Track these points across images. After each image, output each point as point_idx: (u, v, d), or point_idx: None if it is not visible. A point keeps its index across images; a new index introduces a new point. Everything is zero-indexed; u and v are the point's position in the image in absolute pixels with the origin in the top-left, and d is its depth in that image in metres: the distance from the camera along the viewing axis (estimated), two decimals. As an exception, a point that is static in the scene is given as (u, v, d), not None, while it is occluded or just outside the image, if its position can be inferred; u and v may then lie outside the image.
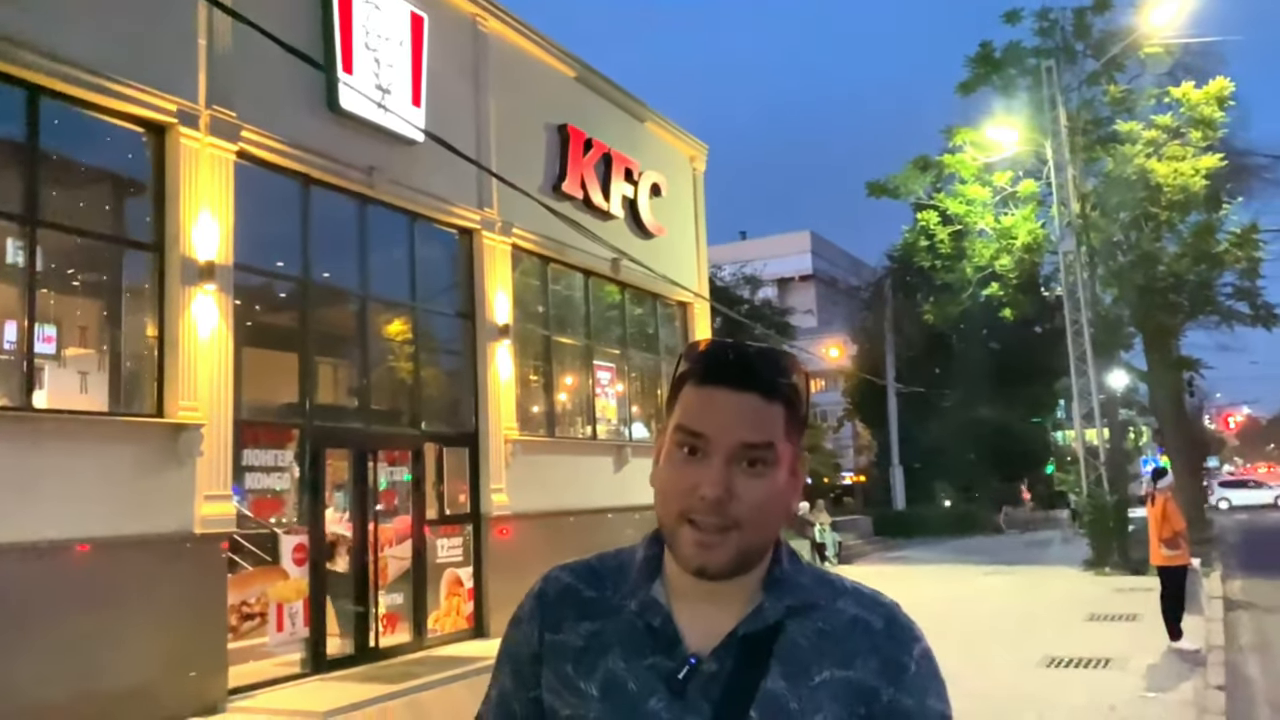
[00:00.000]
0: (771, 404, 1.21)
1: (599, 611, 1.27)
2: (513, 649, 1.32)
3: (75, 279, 9.20)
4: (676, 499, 1.19)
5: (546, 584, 1.32)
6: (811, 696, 1.19)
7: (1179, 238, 21.95)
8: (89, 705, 7.46)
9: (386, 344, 12.24)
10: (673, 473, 1.21)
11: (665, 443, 1.24)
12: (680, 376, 1.25)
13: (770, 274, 46.75)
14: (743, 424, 1.19)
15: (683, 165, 18.10)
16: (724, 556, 1.18)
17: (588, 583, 1.30)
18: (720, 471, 1.17)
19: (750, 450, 1.19)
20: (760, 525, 1.20)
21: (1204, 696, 7.81)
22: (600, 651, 1.24)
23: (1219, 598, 13.72)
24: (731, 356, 1.23)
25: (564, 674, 1.25)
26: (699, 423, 1.19)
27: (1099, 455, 19.49)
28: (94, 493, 7.83)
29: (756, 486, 1.19)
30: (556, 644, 1.27)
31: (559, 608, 1.29)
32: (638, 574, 1.27)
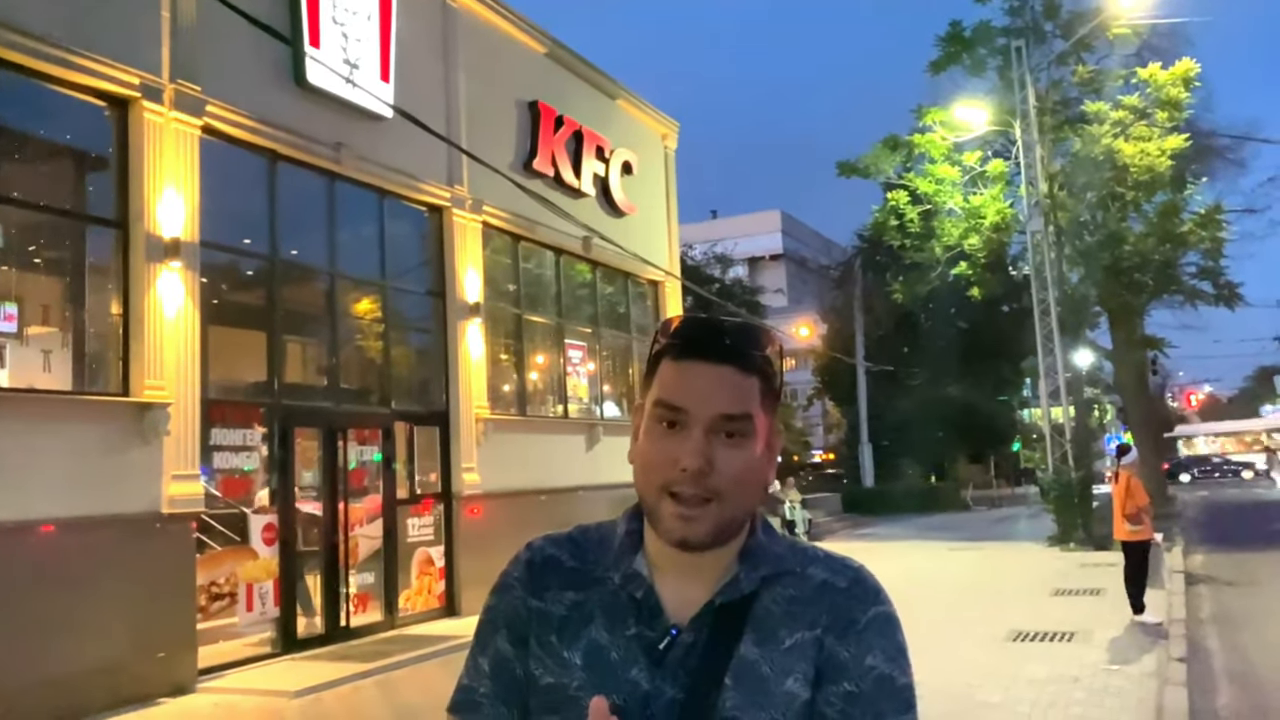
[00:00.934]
0: (748, 376, 1.22)
1: (582, 582, 1.28)
2: (507, 614, 1.30)
3: (36, 256, 9.04)
4: (657, 472, 1.20)
5: (532, 552, 1.33)
6: (782, 660, 1.21)
7: (1144, 218, 22.17)
8: (57, 687, 7.40)
9: (356, 322, 12.15)
10: (652, 447, 1.21)
11: (644, 418, 1.25)
12: (657, 352, 1.26)
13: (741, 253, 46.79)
14: (720, 396, 1.20)
15: (654, 143, 18.04)
16: (705, 528, 1.19)
17: (570, 554, 1.31)
18: (700, 443, 1.18)
19: (728, 422, 1.20)
20: (739, 496, 1.21)
21: (1166, 668, 7.96)
22: (583, 621, 1.25)
23: (1181, 572, 13.97)
24: (708, 330, 1.24)
25: (547, 642, 1.25)
26: (677, 396, 1.20)
27: (1064, 433, 19.74)
28: (59, 472, 7.73)
29: (735, 458, 1.20)
30: (540, 611, 1.27)
31: (544, 576, 1.30)
32: (620, 547, 1.28)
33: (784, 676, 1.20)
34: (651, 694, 1.20)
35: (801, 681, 1.20)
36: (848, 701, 1.19)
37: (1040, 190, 20.05)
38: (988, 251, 21.99)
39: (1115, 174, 20.67)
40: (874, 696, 1.20)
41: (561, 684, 1.23)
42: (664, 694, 1.19)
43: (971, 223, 21.48)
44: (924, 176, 21.85)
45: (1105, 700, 7.03)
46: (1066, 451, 19.42)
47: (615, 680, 1.21)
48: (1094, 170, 20.87)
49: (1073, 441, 19.59)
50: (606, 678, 1.21)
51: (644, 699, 1.20)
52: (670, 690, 1.19)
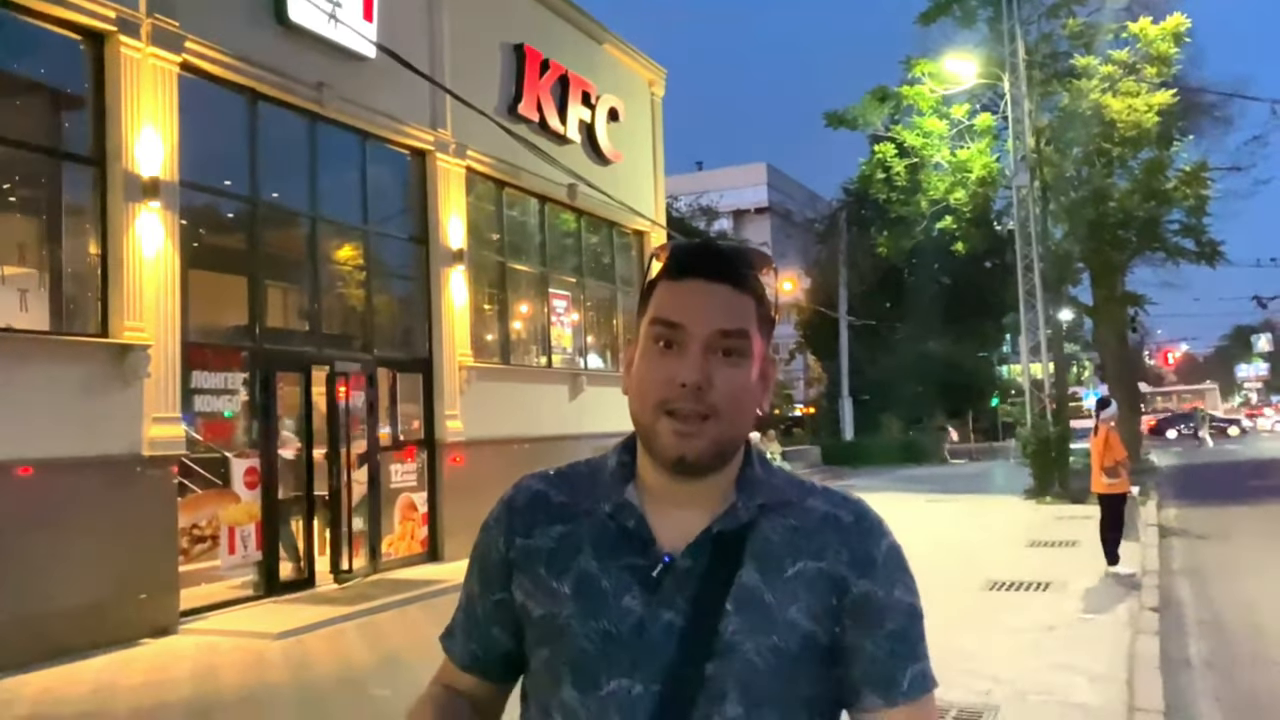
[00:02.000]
0: (743, 295, 1.22)
1: (570, 515, 1.27)
2: (481, 553, 1.33)
3: (11, 194, 8.87)
4: (654, 391, 1.19)
5: (517, 491, 1.33)
6: (785, 588, 1.20)
7: (1130, 174, 22.18)
8: (37, 627, 7.40)
9: (337, 267, 12.04)
10: (650, 366, 1.21)
11: (639, 341, 1.24)
12: (654, 276, 1.25)
13: (726, 205, 46.61)
14: (717, 312, 1.20)
15: (641, 90, 17.82)
16: (702, 445, 1.18)
17: (558, 489, 1.31)
18: (698, 359, 1.18)
19: (725, 338, 1.19)
20: (735, 416, 1.21)
21: (1138, 618, 8.10)
22: (572, 552, 1.24)
23: (1154, 525, 14.17)
24: (704, 250, 1.24)
25: (537, 576, 1.25)
26: (675, 313, 1.20)
27: (1044, 389, 19.88)
28: (38, 413, 7.66)
29: (732, 375, 1.19)
30: (528, 548, 1.27)
31: (530, 513, 1.29)
32: (610, 479, 1.27)
33: (787, 604, 1.19)
34: (647, 619, 1.19)
35: (804, 612, 1.20)
36: (892, 639, 1.21)
37: (1027, 145, 19.98)
38: (973, 206, 21.98)
39: (1102, 130, 20.63)
40: (908, 629, 1.23)
41: (552, 614, 1.22)
42: (660, 619, 1.18)
43: (958, 177, 21.44)
44: (911, 129, 21.75)
45: (1079, 647, 7.15)
46: (1045, 407, 19.59)
47: (606, 607, 1.20)
48: (1081, 126, 20.83)
49: (1052, 397, 19.75)
50: (597, 605, 1.20)
51: (638, 625, 1.19)
52: (667, 616, 1.18)
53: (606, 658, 1.18)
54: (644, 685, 1.17)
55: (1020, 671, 6.53)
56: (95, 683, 6.88)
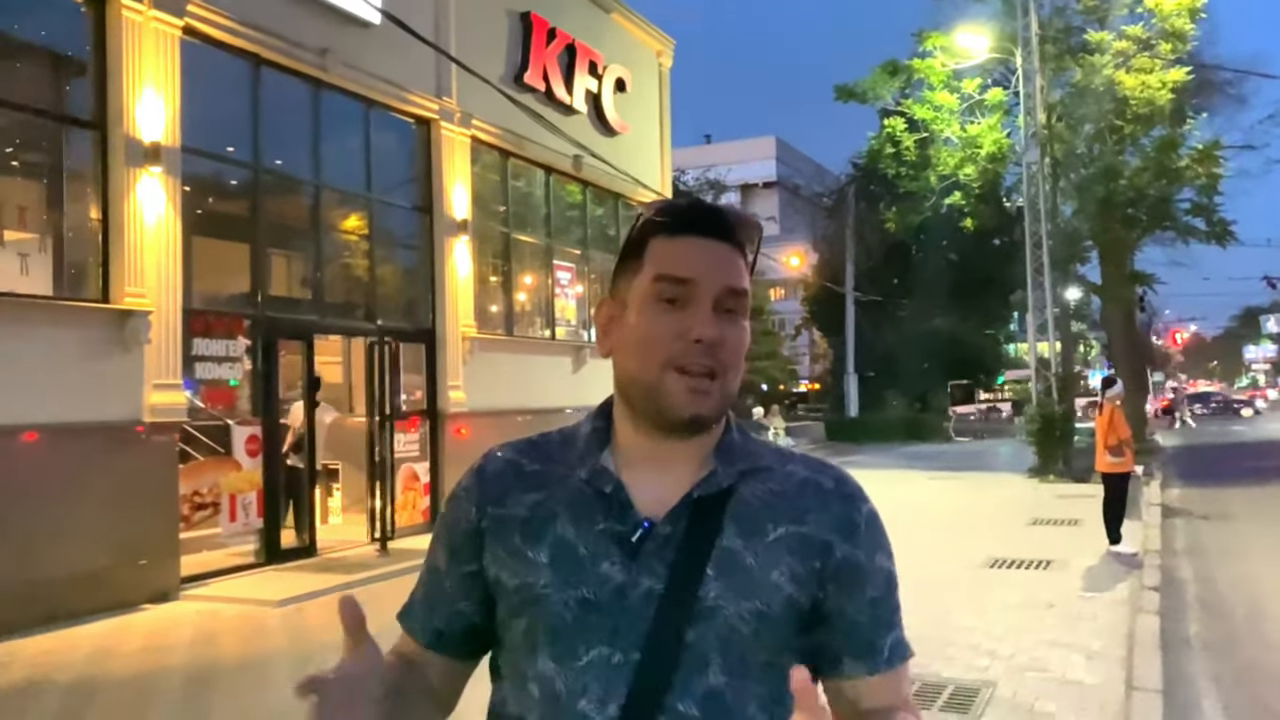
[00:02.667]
0: (739, 254, 1.22)
1: (544, 483, 1.24)
2: (449, 524, 1.29)
3: (12, 158, 8.81)
4: (660, 348, 1.17)
5: (486, 460, 1.30)
6: (767, 551, 1.18)
7: (1141, 152, 21.97)
8: (37, 591, 7.41)
9: (341, 236, 11.99)
10: (654, 323, 1.18)
11: (636, 298, 1.21)
12: (642, 234, 1.22)
13: (734, 179, 46.41)
14: (725, 269, 1.19)
15: (649, 60, 17.66)
16: (714, 401, 1.18)
17: (530, 457, 1.28)
18: (710, 314, 1.17)
19: (731, 296, 1.19)
20: (736, 373, 1.21)
21: (1139, 596, 8.09)
22: (547, 520, 1.21)
23: (1158, 505, 14.15)
24: (705, 207, 1.24)
25: (511, 545, 1.21)
26: (685, 268, 1.18)
27: (1050, 367, 19.81)
28: (38, 378, 7.65)
29: (736, 333, 1.20)
30: (500, 517, 1.23)
31: (500, 481, 1.26)
32: (585, 444, 1.25)
33: (769, 568, 1.17)
34: (626, 585, 1.16)
35: (786, 576, 1.18)
36: (873, 605, 1.22)
37: (1038, 121, 19.79)
38: (982, 182, 21.82)
39: (1114, 106, 20.43)
40: (887, 596, 1.23)
41: (528, 584, 1.19)
42: (639, 585, 1.16)
43: (968, 152, 21.27)
44: (922, 103, 21.55)
45: (1079, 626, 7.13)
46: (1051, 385, 19.52)
47: (584, 574, 1.17)
48: (1093, 102, 20.63)
49: (1058, 376, 19.68)
50: (575, 572, 1.17)
51: (618, 591, 1.16)
52: (647, 581, 1.16)
53: (585, 626, 1.16)
54: (624, 653, 1.14)
55: (1018, 648, 6.52)
56: (94, 647, 6.91)
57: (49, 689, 5.94)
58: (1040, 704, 5.42)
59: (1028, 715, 5.25)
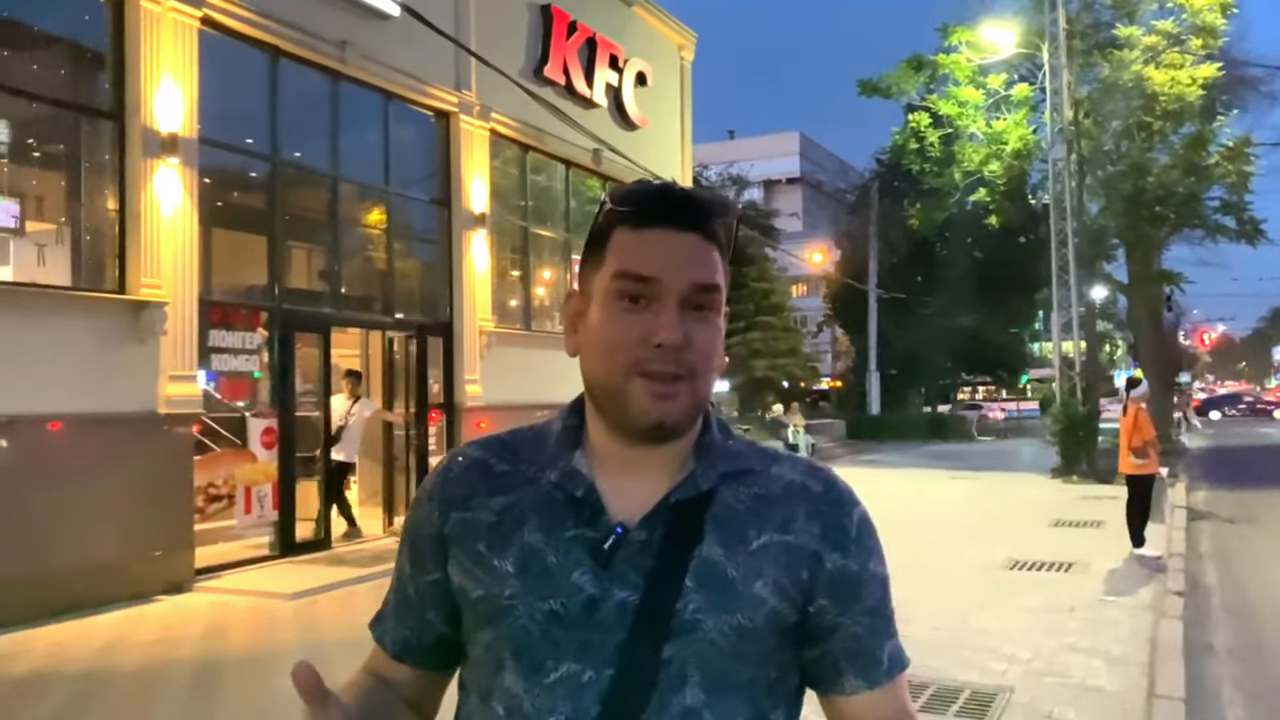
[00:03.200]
0: (711, 245, 1.12)
1: (512, 485, 1.16)
2: (413, 530, 1.21)
3: (31, 149, 8.83)
4: (623, 351, 1.08)
5: (452, 460, 1.22)
6: (749, 562, 1.10)
7: (1170, 149, 21.64)
8: (52, 582, 7.42)
9: (359, 229, 11.97)
10: (616, 324, 1.09)
11: (597, 295, 1.12)
12: (606, 224, 1.13)
13: (757, 175, 46.10)
14: (692, 264, 1.09)
15: (670, 54, 17.54)
16: (682, 407, 1.09)
17: (499, 456, 1.19)
18: (674, 316, 1.07)
19: (700, 292, 1.09)
20: (708, 374, 1.11)
21: (1162, 601, 7.93)
22: (514, 525, 1.13)
23: (1183, 507, 13.92)
24: (672, 195, 1.12)
25: (475, 552, 1.13)
26: (646, 265, 1.08)
27: (1074, 366, 19.56)
28: (54, 369, 7.65)
29: (706, 332, 1.10)
30: (465, 522, 1.15)
31: (466, 483, 1.17)
32: (556, 444, 1.17)
33: (752, 579, 1.09)
34: (598, 597, 1.07)
35: (770, 587, 1.10)
36: (871, 615, 1.15)
37: (1065, 117, 19.53)
38: (1008, 179, 21.57)
39: (1143, 102, 20.12)
40: (882, 604, 1.18)
41: (493, 594, 1.11)
42: (613, 596, 1.07)
43: (993, 148, 21.02)
44: (947, 98, 21.33)
45: (1100, 631, 6.99)
46: (1075, 385, 19.28)
47: (553, 584, 1.09)
48: (1121, 98, 20.33)
49: (1082, 375, 19.44)
50: (543, 582, 1.09)
51: (588, 603, 1.08)
52: (621, 592, 1.07)
53: (553, 640, 1.08)
54: (595, 670, 1.06)
55: (1037, 652, 6.39)
56: (106, 638, 6.90)
57: (59, 680, 5.93)
58: (1059, 710, 5.30)
59: (1045, 722, 5.13)
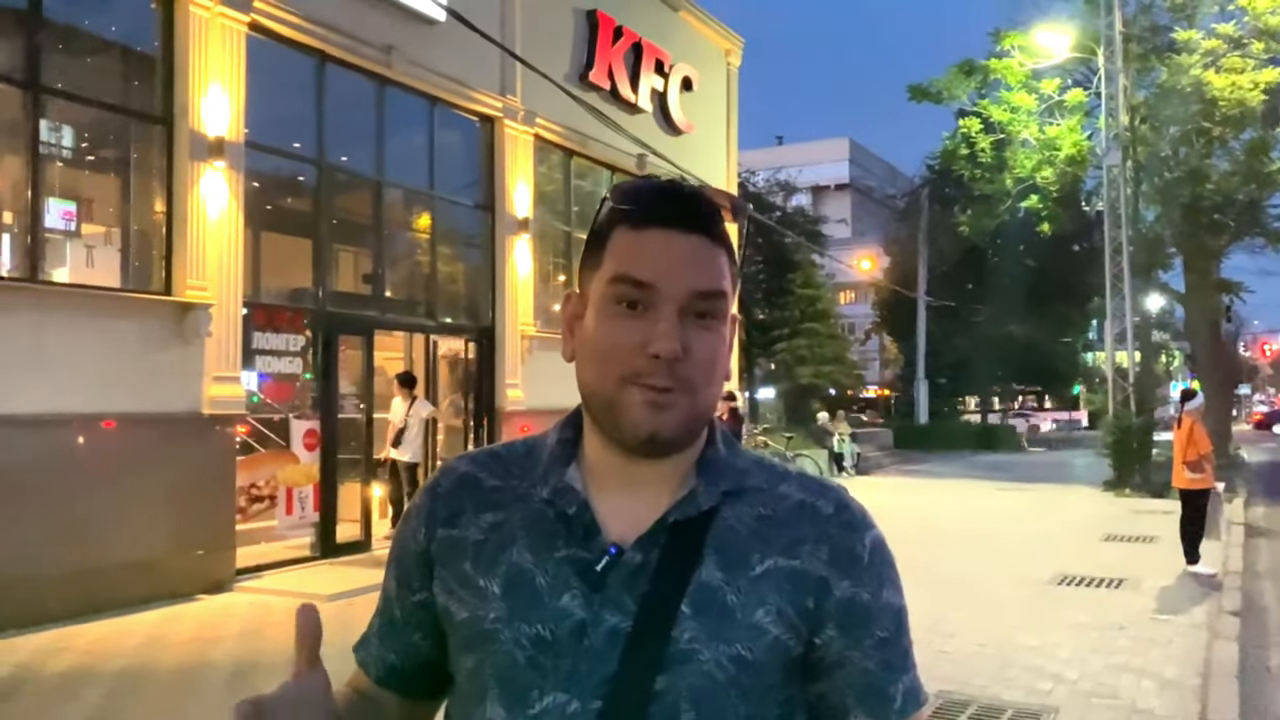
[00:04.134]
0: (716, 248, 1.04)
1: (502, 501, 1.09)
2: (399, 548, 1.15)
3: (80, 152, 8.99)
4: (618, 360, 1.01)
5: (441, 475, 1.15)
6: (752, 588, 1.02)
7: (1230, 155, 21.11)
8: (96, 579, 7.52)
9: (403, 233, 12.05)
10: (611, 331, 1.02)
11: (593, 299, 1.05)
12: (606, 222, 1.06)
13: (805, 181, 45.81)
14: (694, 269, 1.02)
15: (717, 59, 17.46)
16: (677, 419, 1.02)
17: (490, 471, 1.12)
18: (673, 324, 1.00)
19: (702, 300, 1.02)
20: (709, 387, 1.04)
21: (1217, 621, 7.67)
22: (502, 544, 1.06)
23: (1240, 524, 13.52)
24: (675, 194, 1.04)
25: (460, 572, 1.07)
26: (643, 270, 1.01)
27: (1128, 377, 19.12)
28: (100, 368, 7.77)
29: (708, 342, 1.03)
30: (451, 540, 1.09)
31: (455, 499, 1.11)
32: (549, 459, 1.09)
33: (754, 607, 1.01)
34: (589, 622, 1.00)
35: (773, 616, 1.02)
36: (882, 648, 1.06)
37: (1120, 122, 19.12)
38: (1061, 185, 21.17)
39: (1202, 108, 19.61)
40: (897, 635, 1.08)
41: (477, 616, 1.04)
42: (604, 622, 1.00)
43: (1045, 154, 20.65)
44: (998, 104, 21.01)
45: (1150, 650, 6.77)
46: (1129, 396, 18.85)
47: (541, 608, 1.02)
48: (1179, 103, 19.84)
49: (1136, 386, 18.99)
50: (530, 606, 1.02)
51: (578, 629, 1.00)
52: (612, 618, 1.00)
53: (539, 668, 1.00)
54: (582, 701, 0.99)
55: (1085, 672, 6.20)
56: (146, 635, 6.97)
57: (98, 676, 5.99)
58: (1105, 733, 5.13)
59: (1091, 745, 4.97)
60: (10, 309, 7.29)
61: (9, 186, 7.91)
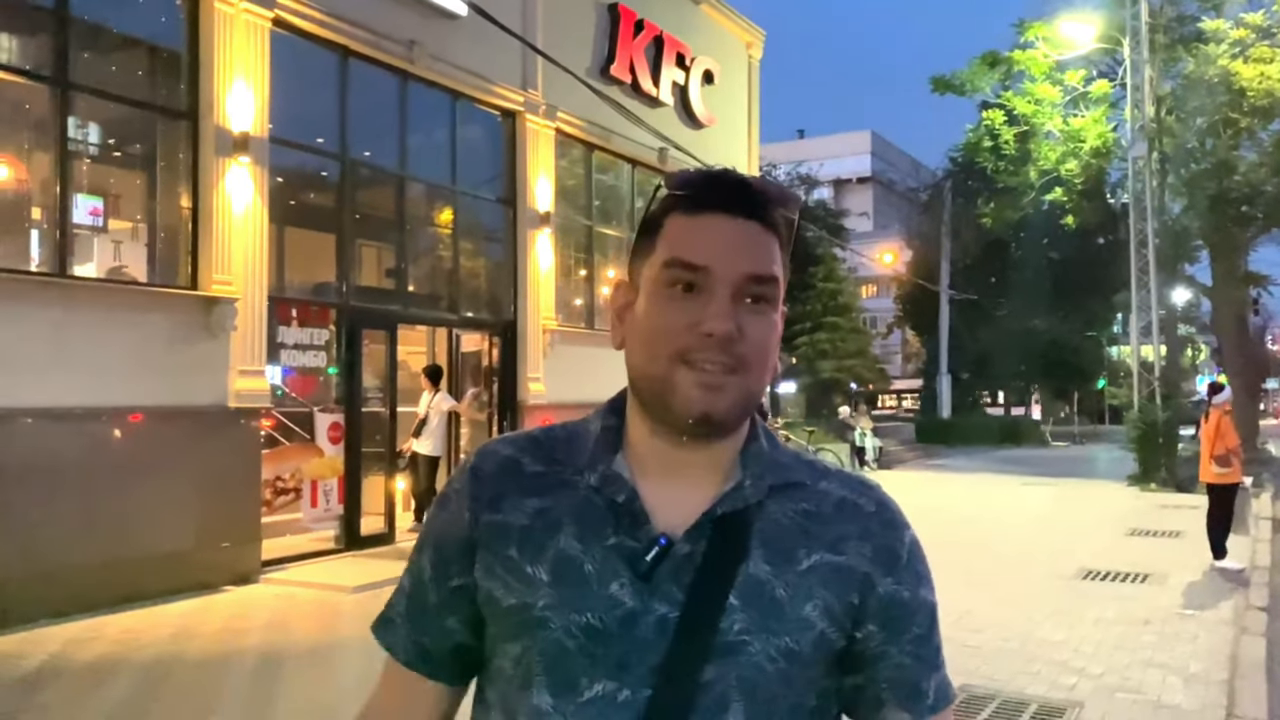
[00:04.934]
0: (770, 235, 1.06)
1: (547, 487, 1.09)
2: (437, 531, 1.15)
3: (107, 148, 9.08)
4: (670, 340, 1.02)
5: (481, 458, 1.15)
6: (800, 582, 1.04)
7: (1258, 146, 20.89)
8: (124, 571, 7.61)
9: (425, 227, 12.09)
10: (664, 311, 1.03)
11: (645, 284, 1.07)
12: (660, 210, 1.08)
13: (827, 174, 45.67)
14: (748, 254, 1.04)
15: (738, 52, 17.41)
16: (730, 400, 1.03)
17: (532, 455, 1.13)
18: (727, 305, 1.02)
19: (755, 284, 1.04)
20: (761, 371, 1.05)
21: (1244, 616, 7.61)
22: (549, 530, 1.07)
23: (1269, 518, 13.39)
24: (730, 180, 1.06)
25: (506, 558, 1.07)
26: (698, 253, 1.03)
27: (1154, 371, 18.95)
28: (128, 361, 7.85)
29: (760, 326, 1.04)
30: (496, 525, 1.09)
31: (497, 483, 1.11)
32: (595, 446, 1.10)
33: (803, 601, 1.04)
34: (638, 611, 1.02)
35: (820, 610, 1.04)
36: (917, 644, 1.10)
37: (1146, 114, 18.93)
38: (1085, 178, 21.02)
39: (1230, 98, 19.41)
40: (930, 633, 1.12)
41: (526, 604, 1.04)
42: (653, 611, 1.01)
43: (1070, 146, 20.49)
44: (1022, 96, 20.86)
45: (1176, 646, 6.73)
46: (1154, 390, 18.68)
47: (590, 596, 1.03)
48: (1206, 94, 19.65)
49: (1162, 380, 18.82)
50: (581, 593, 1.03)
51: (628, 617, 1.02)
52: (661, 608, 1.02)
53: (589, 656, 1.02)
54: (632, 690, 1.00)
55: (1109, 667, 6.17)
56: (175, 626, 7.05)
57: (130, 665, 6.07)
58: (1131, 728, 5.10)
59: (1116, 740, 4.94)
60: (40, 304, 7.38)
61: (38, 183, 8.01)
